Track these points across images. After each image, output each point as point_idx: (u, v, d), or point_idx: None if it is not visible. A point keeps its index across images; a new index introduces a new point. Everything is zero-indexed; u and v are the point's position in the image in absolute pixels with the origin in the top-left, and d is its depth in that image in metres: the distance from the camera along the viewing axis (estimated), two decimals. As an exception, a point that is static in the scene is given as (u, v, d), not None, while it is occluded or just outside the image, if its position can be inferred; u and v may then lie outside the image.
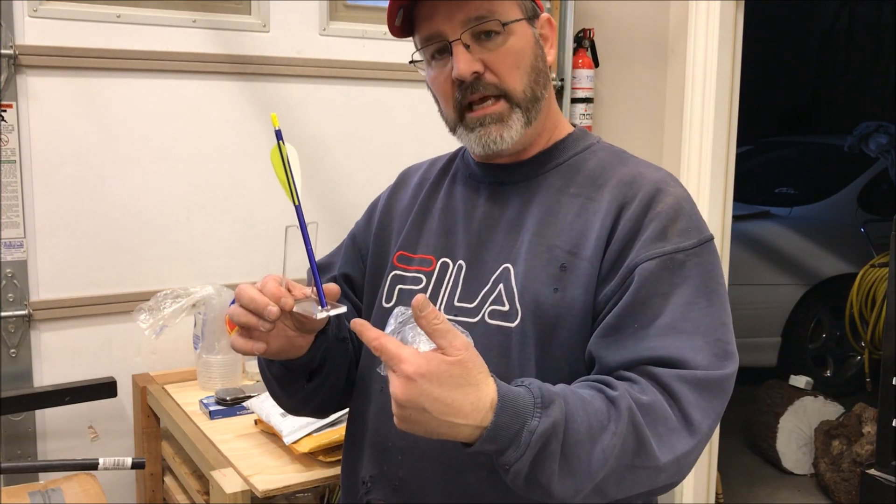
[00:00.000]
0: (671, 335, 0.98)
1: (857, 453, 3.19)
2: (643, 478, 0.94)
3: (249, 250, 2.14)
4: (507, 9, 1.08)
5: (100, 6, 1.90)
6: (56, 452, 1.96)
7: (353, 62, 2.20)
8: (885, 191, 4.65)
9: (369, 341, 0.88)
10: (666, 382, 0.95)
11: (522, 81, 1.09)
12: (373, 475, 1.13)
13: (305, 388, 1.15)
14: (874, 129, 4.66)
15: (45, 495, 1.68)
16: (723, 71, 2.50)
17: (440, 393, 0.85)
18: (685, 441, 0.95)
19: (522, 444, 0.87)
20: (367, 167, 2.26)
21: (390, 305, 1.16)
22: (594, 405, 0.92)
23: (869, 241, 4.41)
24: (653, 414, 0.94)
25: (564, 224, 1.08)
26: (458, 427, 0.87)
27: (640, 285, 1.00)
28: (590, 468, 0.90)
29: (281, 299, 0.97)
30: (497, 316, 1.07)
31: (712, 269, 1.04)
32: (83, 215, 1.93)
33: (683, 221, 1.04)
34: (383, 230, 1.27)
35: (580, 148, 1.16)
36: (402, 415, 0.87)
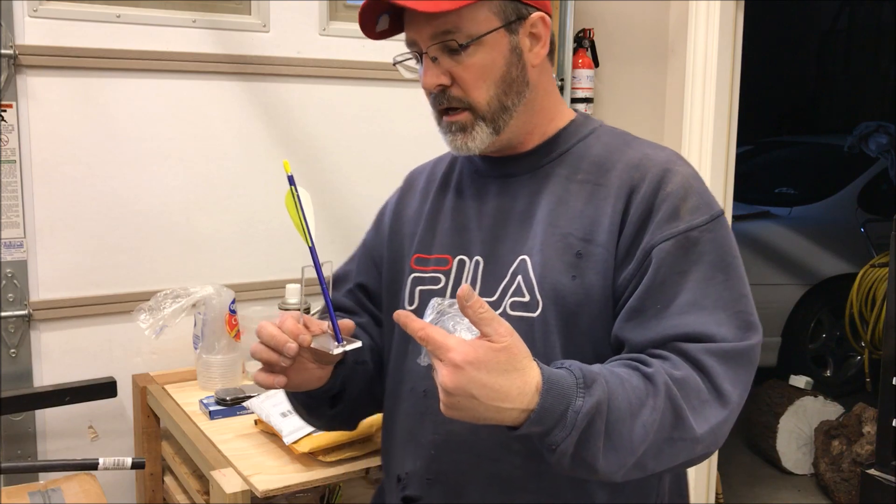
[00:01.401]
0: (694, 312, 1.01)
1: (857, 453, 3.19)
2: (681, 450, 0.97)
3: (249, 250, 2.14)
4: (477, 22, 1.08)
5: (100, 6, 1.90)
6: (56, 452, 1.96)
7: (353, 62, 2.20)
8: (885, 191, 4.65)
9: (414, 332, 0.90)
10: (695, 357, 0.99)
11: (488, 94, 1.10)
12: (408, 472, 1.16)
13: (329, 413, 1.20)
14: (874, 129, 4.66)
15: (45, 495, 1.68)
16: (723, 71, 2.50)
17: (487, 379, 0.87)
18: (718, 412, 0.98)
19: (568, 424, 0.90)
20: (366, 167, 2.26)
21: (413, 307, 1.18)
22: (632, 382, 0.95)
23: (869, 241, 4.41)
24: (687, 387, 0.97)
25: (576, 212, 1.10)
26: (505, 411, 0.89)
27: (658, 266, 1.02)
28: (632, 443, 0.94)
29: (299, 336, 1.03)
30: (518, 307, 1.09)
31: (726, 243, 1.07)
32: (83, 215, 1.93)
33: (694, 199, 1.07)
34: (395, 235, 1.28)
35: (583, 134, 1.17)
36: (450, 402, 0.89)
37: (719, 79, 2.49)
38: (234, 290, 1.92)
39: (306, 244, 1.06)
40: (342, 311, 1.31)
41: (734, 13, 2.50)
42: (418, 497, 1.15)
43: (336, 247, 2.26)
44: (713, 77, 2.50)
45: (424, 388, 1.14)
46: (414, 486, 1.15)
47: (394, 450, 1.20)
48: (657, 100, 2.71)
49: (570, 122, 1.19)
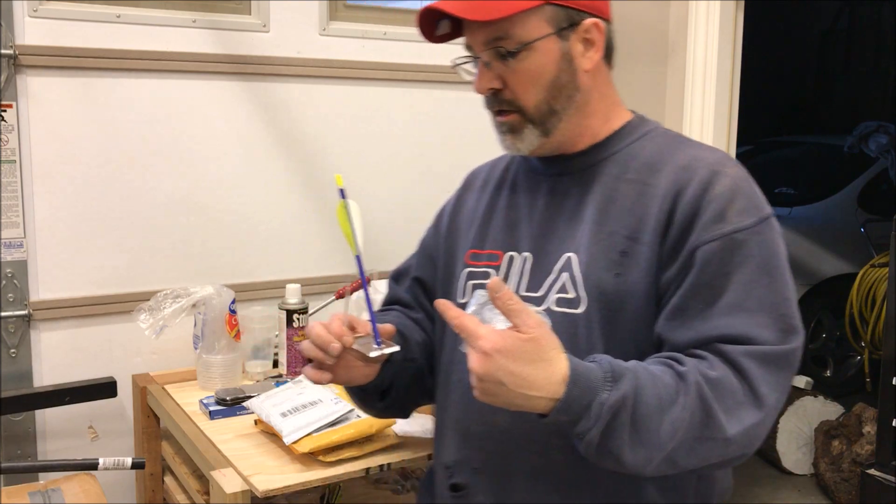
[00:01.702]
0: (736, 313, 1.02)
1: (857, 453, 3.19)
2: (713, 449, 0.99)
3: (249, 250, 2.14)
4: (528, 29, 1.10)
5: (100, 6, 1.90)
6: (56, 452, 1.96)
7: (353, 62, 2.20)
8: (885, 191, 4.65)
9: (450, 320, 0.96)
10: (733, 358, 1.00)
11: (536, 98, 1.13)
12: (456, 460, 1.20)
13: (379, 405, 1.28)
14: (874, 129, 4.66)
15: (45, 495, 1.68)
16: (723, 71, 2.50)
17: (514, 367, 0.92)
18: (753, 414, 1.00)
19: (593, 415, 0.94)
20: (366, 167, 2.26)
21: (465, 301, 1.22)
22: (663, 380, 0.98)
23: (869, 241, 4.41)
24: (721, 388, 0.98)
25: (623, 210, 1.12)
26: (534, 399, 0.94)
27: (702, 267, 1.04)
28: (659, 439, 0.96)
29: (343, 337, 1.09)
30: (563, 303, 1.12)
31: (773, 245, 1.07)
32: (83, 215, 1.93)
33: (742, 201, 1.07)
34: (452, 233, 1.33)
35: (637, 135, 1.19)
36: (480, 387, 0.94)
37: (719, 79, 2.49)
38: (234, 290, 1.92)
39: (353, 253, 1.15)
40: (401, 305, 1.37)
41: (734, 13, 2.50)
42: (465, 485, 1.19)
43: (337, 247, 2.26)
44: (713, 77, 2.50)
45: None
46: (461, 474, 1.19)
47: (443, 438, 1.24)
48: (657, 100, 2.71)
49: (626, 124, 1.21)
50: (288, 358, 1.96)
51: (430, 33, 1.19)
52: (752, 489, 3.44)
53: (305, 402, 1.60)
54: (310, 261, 2.22)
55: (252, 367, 1.97)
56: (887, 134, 4.63)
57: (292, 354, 1.96)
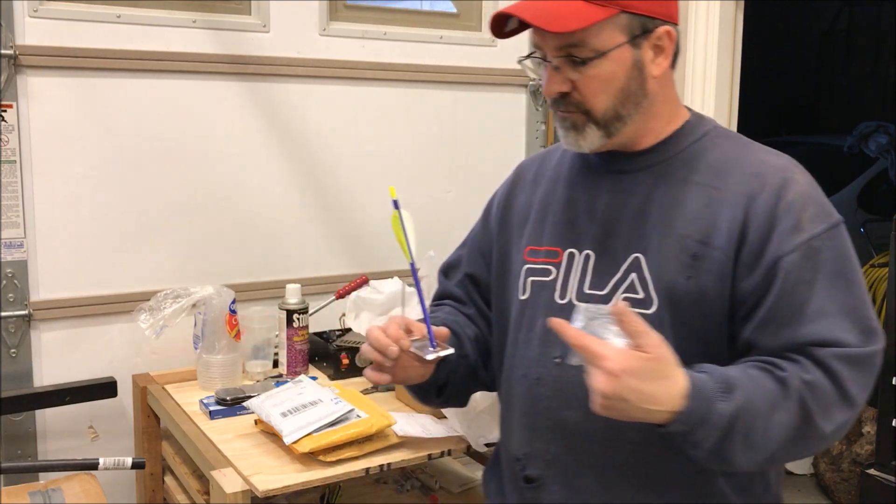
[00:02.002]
0: (821, 319, 1.06)
1: (857, 453, 3.19)
2: (809, 447, 1.08)
3: (249, 250, 2.14)
4: (604, 38, 1.10)
5: (100, 6, 1.90)
6: (56, 452, 1.96)
7: (353, 62, 2.20)
8: (885, 191, 4.65)
9: (570, 339, 0.99)
10: (824, 361, 1.05)
11: (606, 104, 1.14)
12: (526, 452, 1.23)
13: (437, 400, 1.34)
14: (874, 129, 4.66)
15: (45, 495, 1.69)
16: (723, 71, 2.50)
17: (640, 385, 0.97)
18: (844, 413, 1.06)
19: (711, 426, 1.00)
20: (366, 167, 2.26)
21: (525, 297, 1.25)
22: (767, 385, 1.03)
23: (869, 241, 4.41)
24: (816, 391, 1.04)
25: (693, 214, 1.14)
26: (654, 413, 0.99)
27: (785, 277, 1.07)
28: (766, 442, 1.03)
29: (400, 341, 1.14)
30: (632, 303, 1.12)
31: (846, 250, 1.11)
32: (83, 215, 1.93)
33: (813, 207, 1.11)
34: (504, 228, 1.34)
35: (698, 135, 1.20)
36: (604, 404, 0.98)
37: (719, 79, 2.49)
38: (234, 290, 1.92)
39: (408, 260, 1.19)
40: (453, 300, 1.41)
41: (734, 13, 2.50)
42: (538, 477, 1.21)
43: (337, 247, 2.27)
44: (713, 77, 2.49)
45: (537, 375, 1.20)
46: (533, 467, 1.22)
47: (512, 431, 1.27)
48: (657, 100, 2.71)
49: (685, 123, 1.21)
50: (288, 358, 1.96)
51: (499, 31, 1.20)
52: (752, 489, 3.44)
53: (305, 402, 1.60)
54: (310, 261, 2.22)
55: (252, 367, 1.97)
56: (887, 134, 4.63)
57: (292, 354, 1.96)
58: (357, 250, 2.28)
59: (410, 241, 1.18)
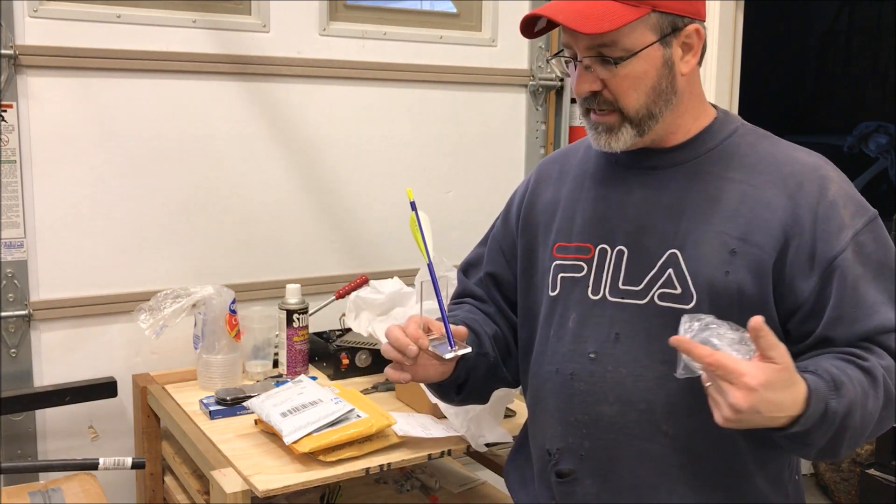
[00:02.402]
0: (880, 309, 1.11)
1: (857, 453, 3.18)
2: (885, 426, 1.12)
3: (249, 250, 2.14)
4: (635, 38, 1.11)
5: (100, 6, 1.90)
6: (56, 452, 1.96)
7: (353, 62, 2.20)
8: (885, 191, 4.65)
9: (702, 358, 0.97)
10: (890, 346, 1.11)
11: (638, 102, 1.15)
12: (559, 447, 1.23)
13: (457, 398, 1.34)
14: (874, 129, 4.67)
15: (45, 495, 1.69)
16: (723, 71, 2.50)
17: (773, 397, 0.97)
18: None
19: (827, 424, 1.02)
20: (366, 167, 2.26)
21: (555, 294, 1.25)
22: (858, 377, 1.07)
23: (869, 241, 4.40)
24: (893, 375, 1.09)
25: (729, 210, 1.15)
26: (777, 420, 1.00)
27: (843, 276, 1.11)
28: (863, 430, 1.07)
29: (419, 340, 1.15)
30: (669, 298, 1.15)
31: (886, 240, 1.16)
32: (83, 215, 1.93)
33: (852, 204, 1.15)
34: (529, 225, 1.34)
35: (728, 132, 1.22)
36: (735, 418, 0.97)
37: (719, 79, 2.49)
38: (234, 290, 1.92)
39: (425, 260, 1.20)
40: (473, 298, 1.42)
41: (734, 13, 2.50)
42: (571, 471, 1.22)
43: (337, 247, 2.27)
44: (713, 77, 2.49)
45: (571, 371, 1.21)
46: (567, 461, 1.22)
47: (543, 425, 1.27)
48: (657, 100, 2.71)
49: (714, 121, 1.23)
50: (288, 358, 1.96)
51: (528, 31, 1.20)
52: (752, 489, 3.43)
53: (305, 401, 1.60)
54: (310, 261, 2.22)
55: (252, 367, 1.97)
56: (887, 134, 4.64)
57: (292, 354, 1.96)
58: (357, 250, 2.28)
59: (428, 242, 1.19)
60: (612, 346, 1.17)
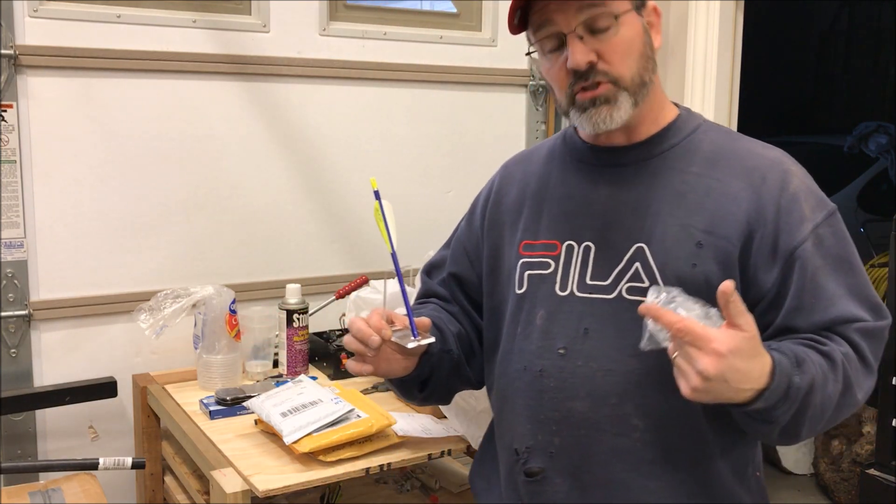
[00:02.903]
0: (839, 301, 1.14)
1: (856, 453, 3.19)
2: (843, 414, 1.13)
3: (249, 250, 2.14)
4: (617, 4, 1.15)
5: (100, 6, 1.90)
6: (56, 452, 1.96)
7: (353, 62, 2.20)
8: (884, 191, 4.65)
9: (671, 324, 0.98)
10: (849, 336, 1.13)
11: (632, 68, 1.17)
12: (528, 446, 1.23)
13: (419, 395, 1.33)
14: (874, 129, 4.66)
15: (45, 495, 1.69)
16: (723, 71, 2.50)
17: (741, 365, 0.98)
18: (869, 380, 1.15)
19: (790, 400, 1.03)
20: (366, 167, 2.26)
21: (522, 291, 1.26)
22: (817, 359, 1.09)
23: (869, 241, 4.41)
24: (851, 363, 1.11)
25: (694, 204, 1.17)
26: (743, 392, 1.00)
27: (803, 267, 1.13)
28: (822, 413, 1.09)
29: (382, 330, 1.14)
30: (637, 292, 1.16)
31: (844, 234, 1.18)
32: (83, 215, 1.93)
33: (812, 198, 1.17)
34: (495, 225, 1.35)
35: (690, 129, 1.24)
36: (703, 387, 0.98)
37: (719, 79, 2.49)
38: (234, 290, 1.92)
39: (388, 250, 1.20)
40: (438, 298, 1.41)
41: (734, 13, 2.50)
42: (541, 469, 1.21)
43: (337, 247, 2.27)
44: (713, 77, 2.49)
45: (540, 367, 1.21)
46: (536, 460, 1.22)
47: (511, 424, 1.26)
48: (657, 100, 2.71)
49: (677, 117, 1.25)
50: (288, 358, 1.96)
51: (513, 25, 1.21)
52: (752, 489, 3.43)
53: (305, 401, 1.60)
54: (310, 261, 2.22)
55: (252, 367, 1.97)
56: (887, 134, 4.63)
57: (292, 354, 1.96)
58: (357, 250, 2.28)
59: (391, 231, 1.19)
60: (582, 341, 1.17)
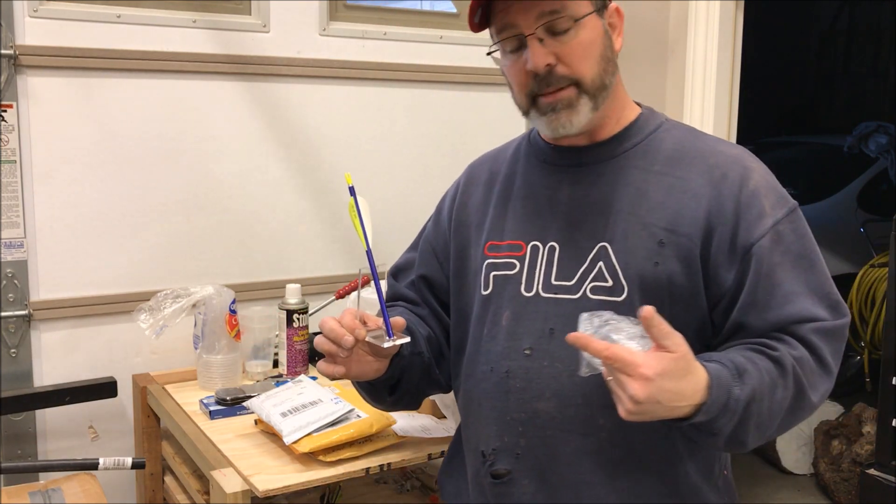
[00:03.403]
0: (796, 298, 1.13)
1: (856, 453, 3.19)
2: (799, 417, 1.13)
3: (249, 250, 2.14)
4: (577, 4, 1.14)
5: (100, 6, 1.90)
6: (56, 452, 1.96)
7: (353, 62, 2.20)
8: (884, 191, 4.65)
9: (598, 353, 0.98)
10: (804, 337, 1.11)
11: (592, 71, 1.16)
12: (495, 448, 1.22)
13: (389, 399, 1.30)
14: (874, 129, 4.66)
15: (45, 495, 1.69)
16: (723, 71, 2.50)
17: (672, 386, 0.98)
18: (825, 382, 1.13)
19: (731, 411, 1.03)
20: (366, 167, 2.26)
21: (488, 292, 1.25)
22: (766, 366, 1.08)
23: (869, 241, 4.41)
24: (805, 365, 1.10)
25: (656, 203, 1.17)
26: (679, 409, 1.00)
27: (759, 263, 1.13)
28: (770, 419, 1.08)
29: (355, 330, 1.11)
30: (601, 291, 1.16)
31: (805, 232, 1.17)
32: (83, 215, 1.93)
33: (773, 194, 1.17)
34: (461, 226, 1.34)
35: (653, 127, 1.24)
36: (636, 410, 0.98)
37: (719, 79, 2.49)
38: (234, 290, 1.92)
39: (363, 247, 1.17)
40: (406, 301, 1.39)
41: (734, 13, 2.50)
42: (508, 471, 1.21)
43: (337, 247, 2.27)
44: (713, 77, 2.49)
45: (506, 368, 1.20)
46: (503, 461, 1.21)
47: (477, 427, 1.26)
48: (657, 100, 2.71)
49: (640, 116, 1.25)
50: (288, 358, 1.96)
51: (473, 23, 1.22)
52: (752, 489, 3.44)
53: (305, 402, 1.60)
54: (310, 261, 2.22)
55: (252, 367, 1.97)
56: (887, 134, 4.63)
57: (292, 354, 1.96)
58: (357, 250, 2.28)
59: (367, 228, 1.17)
60: (548, 342, 1.17)
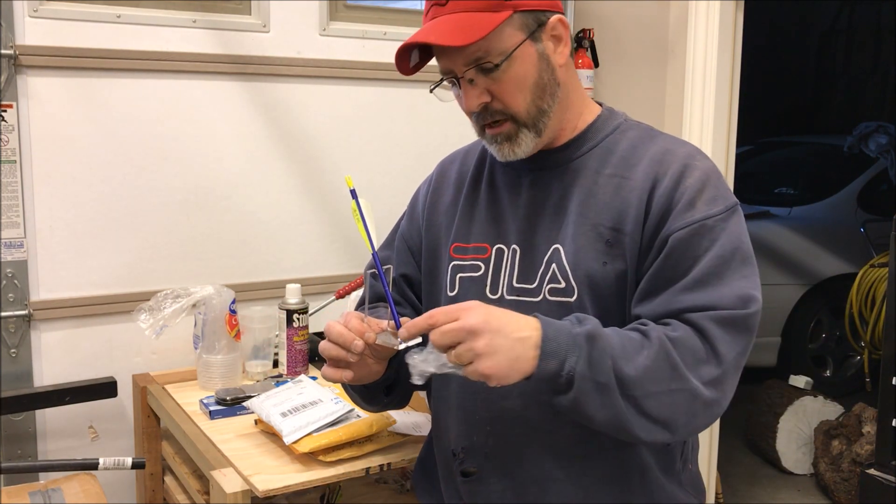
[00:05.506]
0: (699, 288, 1.10)
1: (856, 453, 3.19)
2: (682, 401, 1.07)
3: (249, 250, 2.14)
4: (504, 40, 1.15)
5: (100, 6, 1.90)
6: (56, 452, 1.96)
7: (353, 62, 2.20)
8: (884, 191, 4.65)
9: (417, 325, 1.04)
10: (695, 322, 1.09)
11: (526, 102, 1.18)
12: (464, 447, 1.24)
13: (384, 400, 1.32)
14: (874, 129, 4.66)
15: (45, 495, 1.69)
16: (723, 71, 2.50)
17: (499, 313, 1.02)
18: (713, 369, 1.08)
19: (576, 346, 1.03)
20: (366, 167, 2.26)
21: (454, 294, 1.28)
22: (628, 334, 1.08)
23: (869, 241, 4.41)
24: (682, 346, 1.07)
25: (603, 204, 1.19)
26: (526, 341, 1.02)
27: (670, 251, 1.12)
28: (636, 379, 1.04)
29: (364, 334, 1.12)
30: (556, 293, 1.19)
31: (740, 232, 1.15)
32: (83, 215, 1.93)
33: (710, 191, 1.16)
34: (432, 226, 1.36)
35: (610, 129, 1.26)
36: (486, 343, 0.99)
37: (719, 79, 2.49)
38: (234, 290, 1.92)
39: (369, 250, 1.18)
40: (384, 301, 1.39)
41: (734, 13, 2.50)
42: (477, 470, 1.23)
43: (337, 247, 2.27)
44: (713, 77, 2.50)
45: None
46: (471, 460, 1.23)
47: (447, 426, 1.28)
48: (657, 100, 2.71)
49: (598, 118, 1.27)
50: (288, 358, 1.96)
51: (406, 67, 1.23)
52: (752, 489, 3.44)
53: (305, 401, 1.61)
54: (310, 261, 2.22)
55: (252, 367, 1.97)
56: (887, 134, 4.63)
57: (292, 354, 1.96)
58: (357, 250, 2.28)
59: (370, 230, 1.18)
60: None
